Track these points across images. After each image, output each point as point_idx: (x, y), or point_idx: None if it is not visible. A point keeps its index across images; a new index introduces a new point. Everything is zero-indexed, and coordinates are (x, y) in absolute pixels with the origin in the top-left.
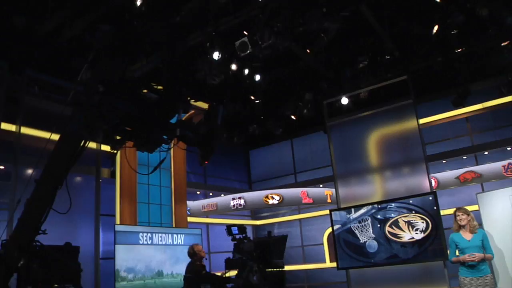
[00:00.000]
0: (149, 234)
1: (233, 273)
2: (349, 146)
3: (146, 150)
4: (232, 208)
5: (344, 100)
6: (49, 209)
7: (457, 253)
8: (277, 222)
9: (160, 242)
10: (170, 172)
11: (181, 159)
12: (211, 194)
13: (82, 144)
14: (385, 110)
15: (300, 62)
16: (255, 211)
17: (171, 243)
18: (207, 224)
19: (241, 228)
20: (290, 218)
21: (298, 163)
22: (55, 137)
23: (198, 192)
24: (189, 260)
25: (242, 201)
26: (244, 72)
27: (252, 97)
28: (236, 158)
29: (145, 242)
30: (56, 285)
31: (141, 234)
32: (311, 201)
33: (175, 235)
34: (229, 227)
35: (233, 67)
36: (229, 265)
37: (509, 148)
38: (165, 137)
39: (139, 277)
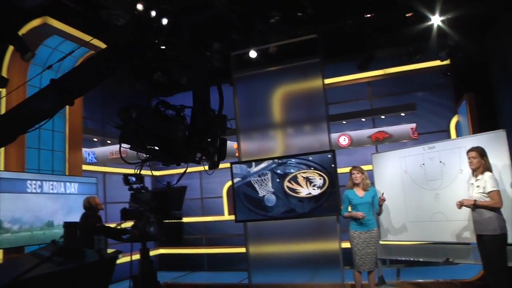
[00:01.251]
0: (38, 182)
1: (129, 224)
2: (254, 100)
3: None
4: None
5: (253, 53)
6: None
7: (349, 208)
8: (177, 174)
9: (51, 191)
10: (64, 117)
11: (78, 103)
12: (109, 142)
13: None
14: (293, 67)
15: (210, 9)
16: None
17: (64, 192)
18: (104, 173)
19: (139, 177)
20: (190, 170)
21: None
22: None
23: (95, 139)
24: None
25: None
26: (150, 14)
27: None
28: None
29: (33, 191)
30: None
31: (29, 182)
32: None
33: (68, 184)
34: (126, 176)
35: (139, 7)
36: (125, 215)
37: (403, 114)
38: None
39: (26, 228)
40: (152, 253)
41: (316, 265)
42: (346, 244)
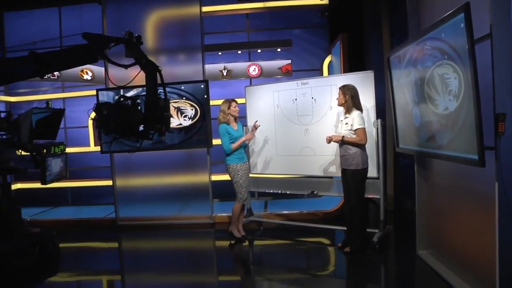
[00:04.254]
0: None
1: None
2: (125, 23)
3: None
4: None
5: None
6: None
7: None
8: (37, 100)
9: None
10: None
11: None
12: None
13: None
14: None
15: None
16: (10, 86)
17: None
18: None
19: None
20: (52, 97)
21: (66, 35)
22: None
23: None
24: None
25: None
26: None
27: None
28: None
29: None
30: None
31: None
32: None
33: None
34: None
35: None
36: None
37: (279, 50)
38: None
39: None
40: None
41: (185, 198)
42: (215, 177)
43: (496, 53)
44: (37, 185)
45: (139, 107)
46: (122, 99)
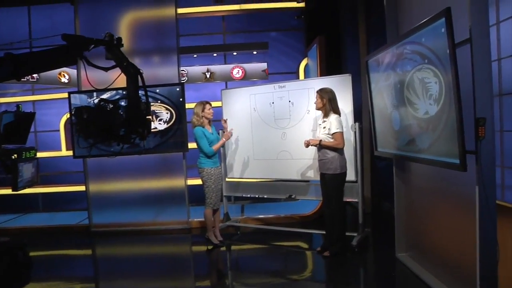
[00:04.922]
0: None
1: None
2: (98, 24)
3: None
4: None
5: None
6: None
7: None
8: (5, 103)
9: None
10: None
11: None
12: None
13: None
14: None
15: None
16: None
17: None
18: None
19: None
20: (21, 99)
21: (35, 35)
22: None
23: None
24: None
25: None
26: None
27: None
28: None
29: None
30: None
31: None
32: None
33: None
34: None
35: None
36: None
37: (255, 52)
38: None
39: None
40: None
41: (161, 203)
42: (191, 182)
43: (476, 57)
44: (5, 191)
45: (119, 111)
46: (102, 102)
